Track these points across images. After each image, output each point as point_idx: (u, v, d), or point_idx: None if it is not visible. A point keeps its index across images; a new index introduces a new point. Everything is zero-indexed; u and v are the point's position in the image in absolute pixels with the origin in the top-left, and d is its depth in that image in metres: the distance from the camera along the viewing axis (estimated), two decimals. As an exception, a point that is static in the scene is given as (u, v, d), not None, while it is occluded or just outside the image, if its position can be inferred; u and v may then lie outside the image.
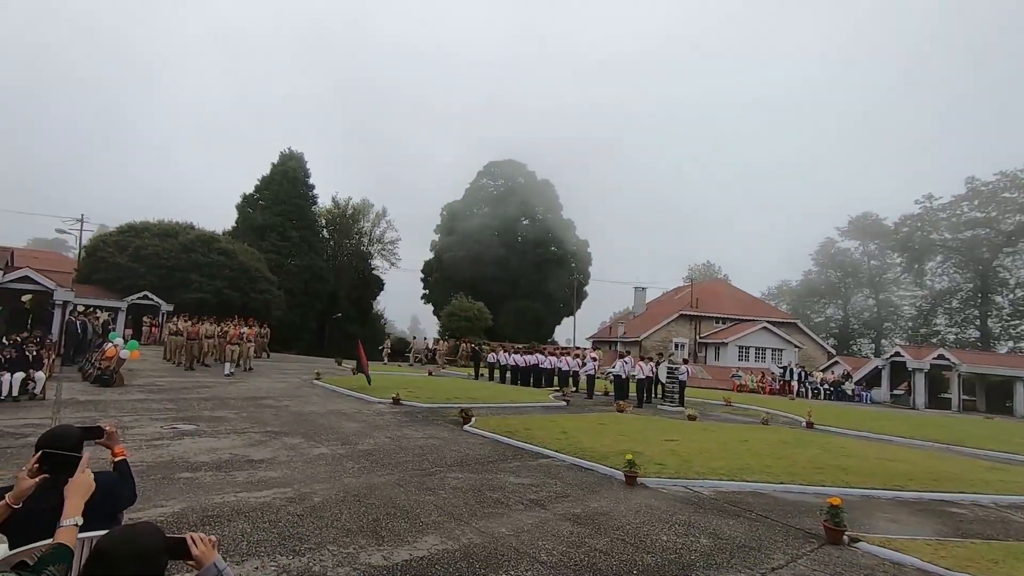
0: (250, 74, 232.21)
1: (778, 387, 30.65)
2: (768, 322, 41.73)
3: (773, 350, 40.48)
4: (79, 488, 1.93)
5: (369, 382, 14.87)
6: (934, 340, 52.08)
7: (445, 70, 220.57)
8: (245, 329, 19.41)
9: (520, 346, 27.86)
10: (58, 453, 2.10)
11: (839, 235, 65.23)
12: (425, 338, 36.81)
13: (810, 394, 29.62)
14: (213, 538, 1.70)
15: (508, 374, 22.31)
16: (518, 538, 4.94)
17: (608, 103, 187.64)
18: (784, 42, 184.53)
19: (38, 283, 19.01)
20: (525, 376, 21.71)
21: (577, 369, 20.80)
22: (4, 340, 11.96)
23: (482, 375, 24.16)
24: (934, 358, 29.46)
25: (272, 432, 9.05)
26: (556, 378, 21.05)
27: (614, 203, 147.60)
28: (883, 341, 60.85)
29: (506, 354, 23.05)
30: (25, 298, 21.37)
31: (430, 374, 23.33)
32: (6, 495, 1.96)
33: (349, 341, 33.42)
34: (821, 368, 36.64)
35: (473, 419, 10.88)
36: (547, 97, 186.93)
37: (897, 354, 30.94)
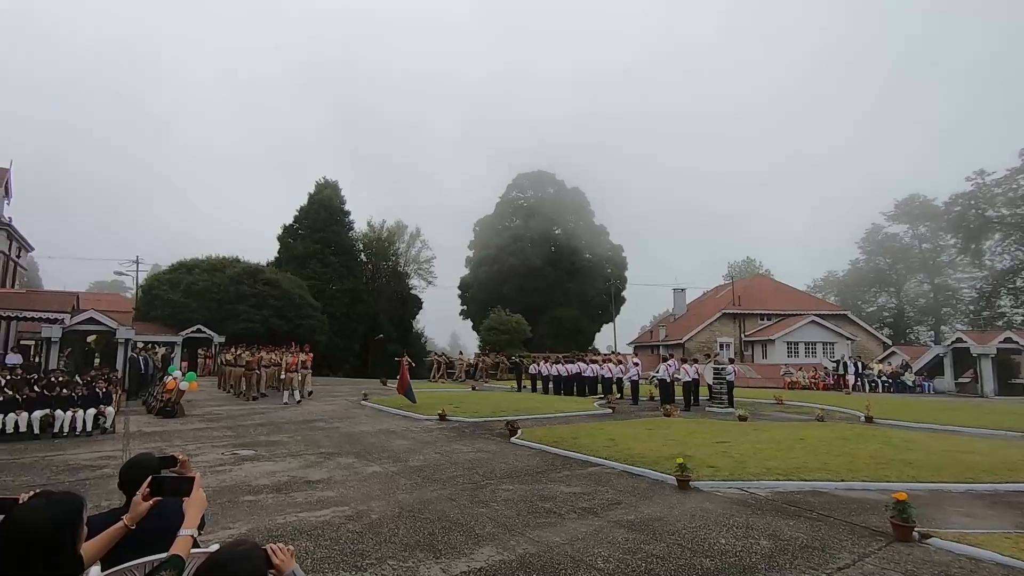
0: (257, 116, 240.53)
1: (832, 382, 29.50)
2: (816, 315, 40.32)
3: (824, 344, 39.05)
4: (196, 503, 2.13)
5: (414, 401, 15.13)
6: (999, 323, 49.11)
7: (457, 92, 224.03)
8: (303, 356, 18.92)
9: (561, 356, 27.76)
10: (163, 476, 2.28)
11: (886, 220, 62.63)
12: (460, 353, 37.06)
13: (867, 387, 28.37)
14: (291, 547, 1.82)
15: (551, 384, 22.27)
16: (573, 546, 4.95)
17: (636, 109, 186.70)
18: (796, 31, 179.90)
19: (102, 323, 20.15)
20: (568, 385, 21.62)
21: (620, 375, 20.59)
22: (77, 379, 12.72)
23: (525, 387, 24.18)
24: (1000, 342, 27.79)
25: (326, 453, 9.31)
26: (600, 385, 20.88)
27: (646, 206, 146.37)
28: (943, 327, 57.78)
29: (548, 364, 23.02)
30: (90, 339, 22.68)
31: (473, 389, 23.50)
32: (123, 517, 2.15)
33: (392, 361, 33.99)
34: (878, 359, 35.08)
35: (520, 431, 10.92)
36: (568, 108, 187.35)
37: (959, 340, 29.33)
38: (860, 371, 29.79)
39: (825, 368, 31.66)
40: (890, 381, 29.20)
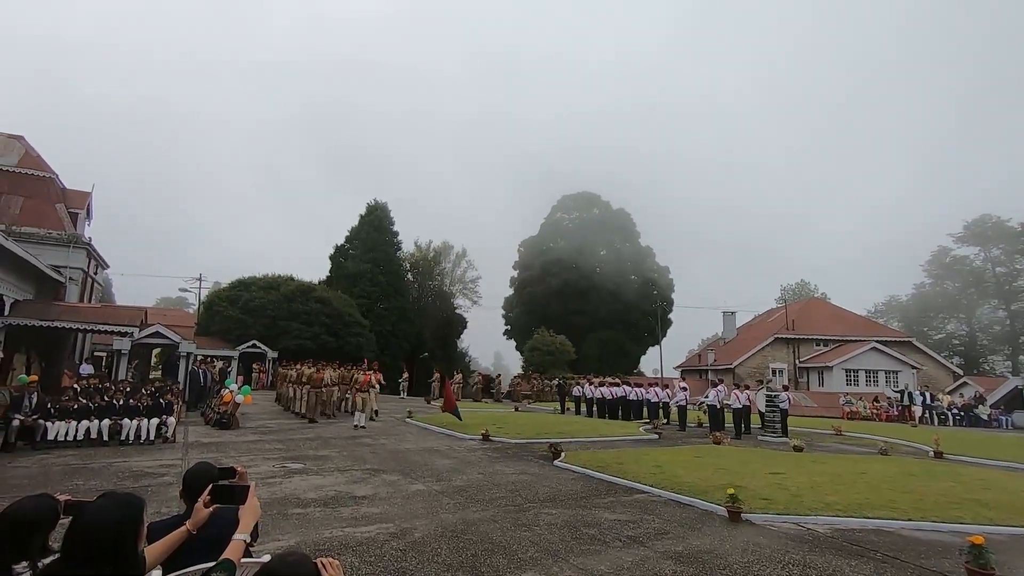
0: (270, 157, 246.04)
1: (896, 413, 27.71)
2: (878, 341, 38.20)
3: (887, 372, 36.89)
4: (250, 511, 2.23)
5: (459, 419, 15.21)
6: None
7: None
8: (372, 374, 17.11)
9: (606, 379, 27.31)
10: (222, 485, 2.39)
11: (953, 242, 59.05)
12: (498, 375, 36.86)
13: (936, 420, 26.51)
14: (337, 562, 1.86)
15: (595, 407, 21.91)
16: (618, 576, 4.82)
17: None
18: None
19: (167, 337, 21.27)
20: (612, 409, 21.21)
21: (667, 400, 20.06)
22: (143, 389, 13.45)
23: (568, 409, 23.88)
24: (1089, 374, 25.53)
25: (371, 470, 9.45)
26: (645, 410, 20.39)
27: (695, 228, 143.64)
28: (1021, 357, 53.65)
29: (592, 387, 22.70)
30: (155, 351, 23.97)
31: (516, 409, 23.39)
32: (186, 523, 2.27)
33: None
34: (947, 390, 32.81)
35: (563, 454, 10.77)
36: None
37: (1041, 371, 27.14)
38: (928, 402, 27.90)
39: (888, 398, 29.82)
40: (962, 414, 27.16)
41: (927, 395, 28.68)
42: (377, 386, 17.14)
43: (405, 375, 31.37)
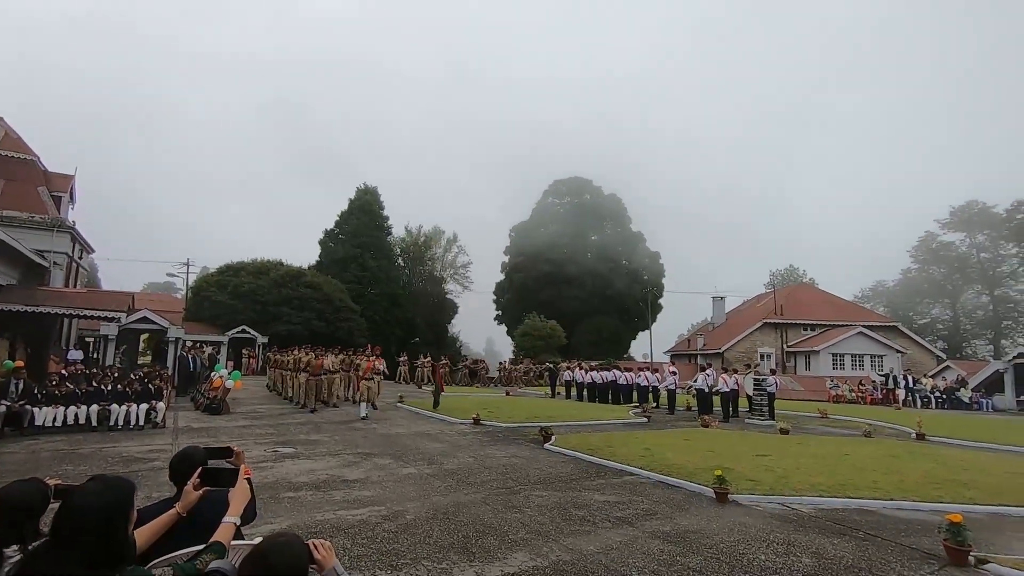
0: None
1: (880, 396, 28.23)
2: (864, 326, 38.75)
3: (872, 356, 37.49)
4: (240, 493, 2.25)
5: (435, 405, 15.26)
6: (1067, 338, 46.13)
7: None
8: (375, 360, 15.81)
9: (595, 363, 27.50)
10: (211, 468, 2.39)
11: (940, 228, 59.70)
12: (483, 360, 37.00)
13: (919, 403, 27.03)
14: (328, 543, 1.88)
15: (585, 392, 22.09)
16: (607, 556, 4.90)
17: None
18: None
19: (155, 323, 21.12)
20: (603, 393, 21.41)
21: (656, 384, 20.26)
22: (132, 375, 13.37)
23: (559, 393, 24.07)
24: (1068, 358, 26.11)
25: (363, 453, 9.50)
26: (635, 394, 20.60)
27: (684, 213, 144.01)
28: (1003, 341, 54.64)
29: (582, 372, 22.86)
30: (143, 337, 23.77)
31: (507, 394, 23.53)
32: (175, 504, 2.27)
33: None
34: (930, 374, 33.42)
35: (553, 437, 10.87)
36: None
37: (1022, 355, 27.68)
38: (911, 385, 28.43)
39: (873, 381, 30.34)
40: (944, 397, 27.73)
41: (910, 379, 29.22)
42: (381, 374, 16.08)
43: (404, 357, 31.28)
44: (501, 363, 34.85)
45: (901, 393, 27.53)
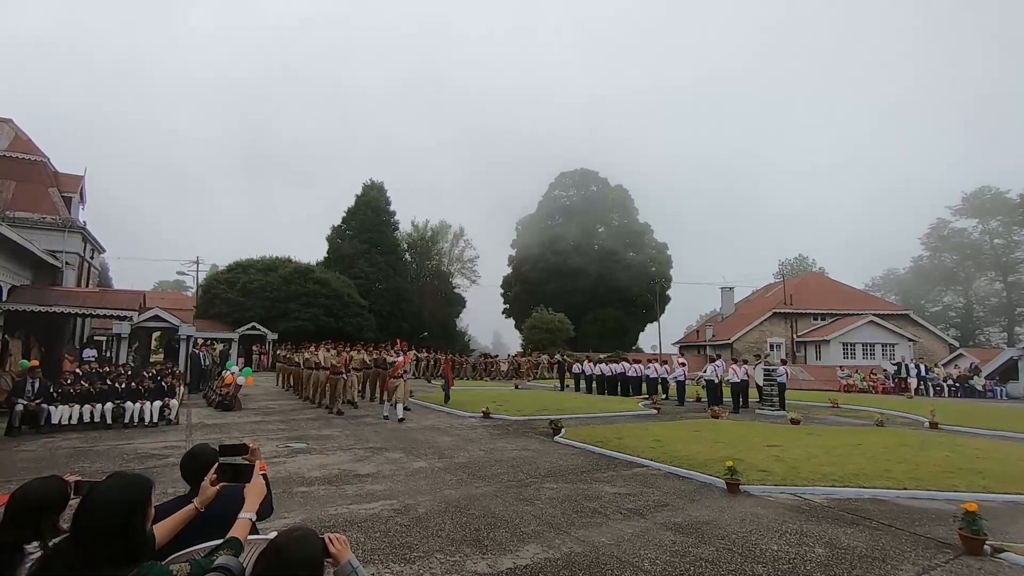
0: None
1: (892, 385, 28.04)
2: (875, 315, 38.41)
3: (883, 345, 37.16)
4: (255, 489, 2.27)
5: (446, 400, 15.31)
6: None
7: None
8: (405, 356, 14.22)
9: (604, 356, 27.50)
10: (228, 463, 2.42)
11: (952, 214, 58.91)
12: (497, 355, 37.12)
13: (932, 392, 26.84)
14: (343, 537, 1.89)
15: (594, 384, 22.10)
16: (619, 547, 4.91)
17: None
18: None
19: (166, 321, 21.32)
20: (612, 385, 21.42)
21: (665, 376, 20.23)
22: (144, 372, 13.51)
23: (568, 386, 24.09)
24: (1084, 345, 25.74)
25: (374, 448, 9.56)
26: (644, 386, 20.58)
27: (693, 205, 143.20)
28: (1017, 328, 54.06)
29: (591, 364, 22.86)
30: (155, 335, 24.00)
31: (516, 387, 23.58)
32: (194, 500, 2.30)
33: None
34: (943, 362, 33.13)
35: (563, 430, 10.89)
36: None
37: (1036, 342, 27.36)
38: (923, 374, 28.21)
39: (884, 371, 30.12)
40: (957, 385, 27.51)
41: (922, 367, 28.99)
42: (408, 372, 14.49)
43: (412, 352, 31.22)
44: (510, 355, 34.93)
45: (913, 382, 27.34)
